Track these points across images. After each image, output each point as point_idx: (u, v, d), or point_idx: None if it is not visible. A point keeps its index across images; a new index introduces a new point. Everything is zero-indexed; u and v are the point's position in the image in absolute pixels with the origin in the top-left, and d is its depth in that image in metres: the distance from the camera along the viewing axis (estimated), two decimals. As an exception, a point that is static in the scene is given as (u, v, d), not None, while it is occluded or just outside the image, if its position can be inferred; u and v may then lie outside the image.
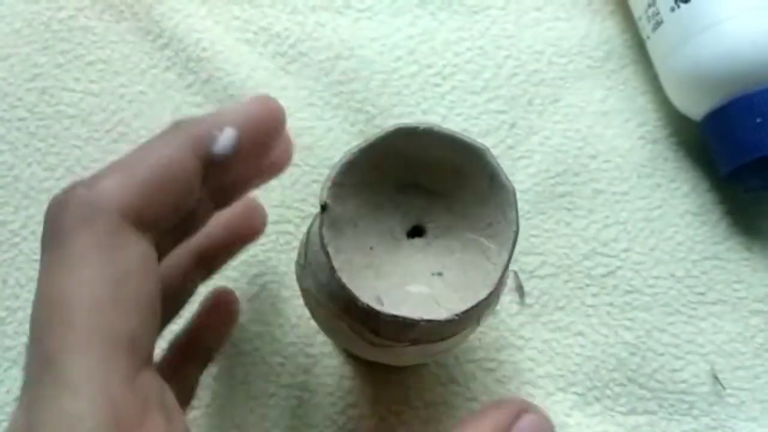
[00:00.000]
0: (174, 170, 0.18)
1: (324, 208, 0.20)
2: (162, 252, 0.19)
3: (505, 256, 0.21)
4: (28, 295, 0.33)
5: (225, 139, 0.19)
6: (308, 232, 0.24)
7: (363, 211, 0.22)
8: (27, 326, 0.32)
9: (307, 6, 0.37)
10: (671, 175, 0.34)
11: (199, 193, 0.19)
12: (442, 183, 0.23)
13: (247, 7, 0.37)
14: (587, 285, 0.33)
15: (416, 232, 0.23)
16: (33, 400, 0.16)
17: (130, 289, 0.17)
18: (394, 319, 0.20)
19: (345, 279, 0.20)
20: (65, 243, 0.17)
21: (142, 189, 0.17)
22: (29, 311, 0.32)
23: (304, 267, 0.23)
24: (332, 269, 0.20)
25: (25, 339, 0.32)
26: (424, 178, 0.23)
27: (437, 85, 0.36)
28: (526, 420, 0.19)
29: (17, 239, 0.34)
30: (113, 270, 0.17)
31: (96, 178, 0.18)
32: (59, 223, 0.17)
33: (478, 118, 0.35)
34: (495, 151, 0.34)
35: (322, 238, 0.20)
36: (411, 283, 0.22)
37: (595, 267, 0.33)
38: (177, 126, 0.19)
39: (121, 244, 0.17)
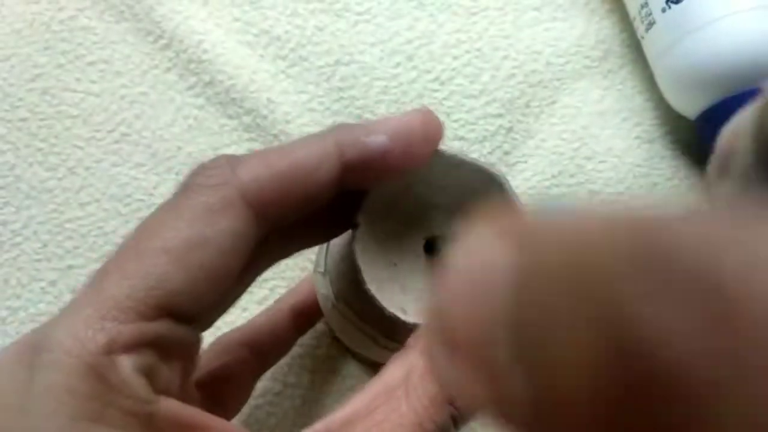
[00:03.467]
0: (306, 169, 0.19)
1: (356, 226, 0.22)
2: (279, 244, 0.21)
3: None
4: (30, 295, 0.33)
5: (374, 143, 0.20)
6: (328, 243, 0.25)
7: (389, 228, 0.23)
8: (29, 326, 0.33)
9: (307, 9, 0.37)
10: (668, 173, 0.35)
11: (331, 193, 0.20)
12: (462, 203, 0.24)
13: (248, 8, 0.37)
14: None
15: (435, 248, 0.24)
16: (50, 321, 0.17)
17: (197, 256, 0.18)
18: (416, 326, 0.21)
19: (373, 290, 0.21)
20: (185, 194, 0.19)
21: (269, 180, 0.19)
22: (31, 311, 0.33)
23: (323, 274, 0.25)
24: (362, 281, 0.21)
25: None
26: (445, 198, 0.24)
27: (435, 91, 0.36)
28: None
29: (19, 239, 0.34)
30: (196, 232, 0.18)
31: (241, 157, 0.19)
32: (191, 178, 0.19)
33: (475, 124, 0.35)
34: (491, 158, 0.35)
35: (353, 253, 0.21)
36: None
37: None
38: (332, 128, 0.20)
39: (222, 213, 0.18)
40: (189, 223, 0.18)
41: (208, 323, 0.20)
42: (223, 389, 0.19)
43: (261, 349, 0.26)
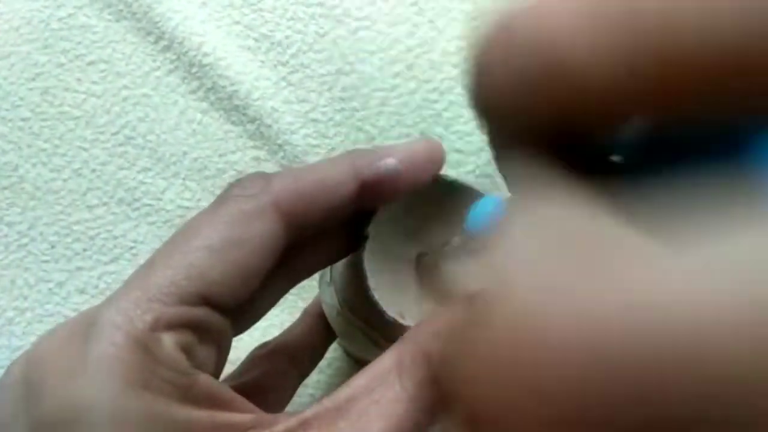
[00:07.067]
0: (329, 185, 0.22)
1: (365, 238, 0.24)
2: (304, 249, 0.23)
3: None
4: (37, 295, 0.34)
5: (386, 166, 0.23)
6: None
7: (392, 240, 0.25)
8: (36, 327, 0.33)
9: (307, 13, 0.38)
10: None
11: (348, 209, 0.23)
12: (459, 217, 0.25)
13: (247, 11, 0.38)
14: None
15: (425, 259, 0.26)
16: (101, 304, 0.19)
17: (233, 253, 0.20)
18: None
19: (377, 296, 0.23)
20: (224, 202, 0.21)
21: (298, 193, 0.21)
22: (38, 312, 0.34)
23: (329, 284, 0.27)
24: (367, 288, 0.23)
25: (33, 339, 0.33)
26: (440, 215, 0.26)
27: (435, 102, 0.36)
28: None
29: (25, 240, 0.34)
30: (233, 233, 0.20)
31: (273, 173, 0.22)
32: (229, 190, 0.21)
33: (472, 135, 0.36)
34: (488, 168, 0.36)
35: (361, 261, 0.24)
36: (425, 301, 0.25)
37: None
38: (350, 152, 0.23)
39: (257, 218, 0.21)
40: (227, 225, 0.20)
41: (237, 324, 0.22)
42: (261, 399, 0.21)
43: (298, 357, 0.29)
